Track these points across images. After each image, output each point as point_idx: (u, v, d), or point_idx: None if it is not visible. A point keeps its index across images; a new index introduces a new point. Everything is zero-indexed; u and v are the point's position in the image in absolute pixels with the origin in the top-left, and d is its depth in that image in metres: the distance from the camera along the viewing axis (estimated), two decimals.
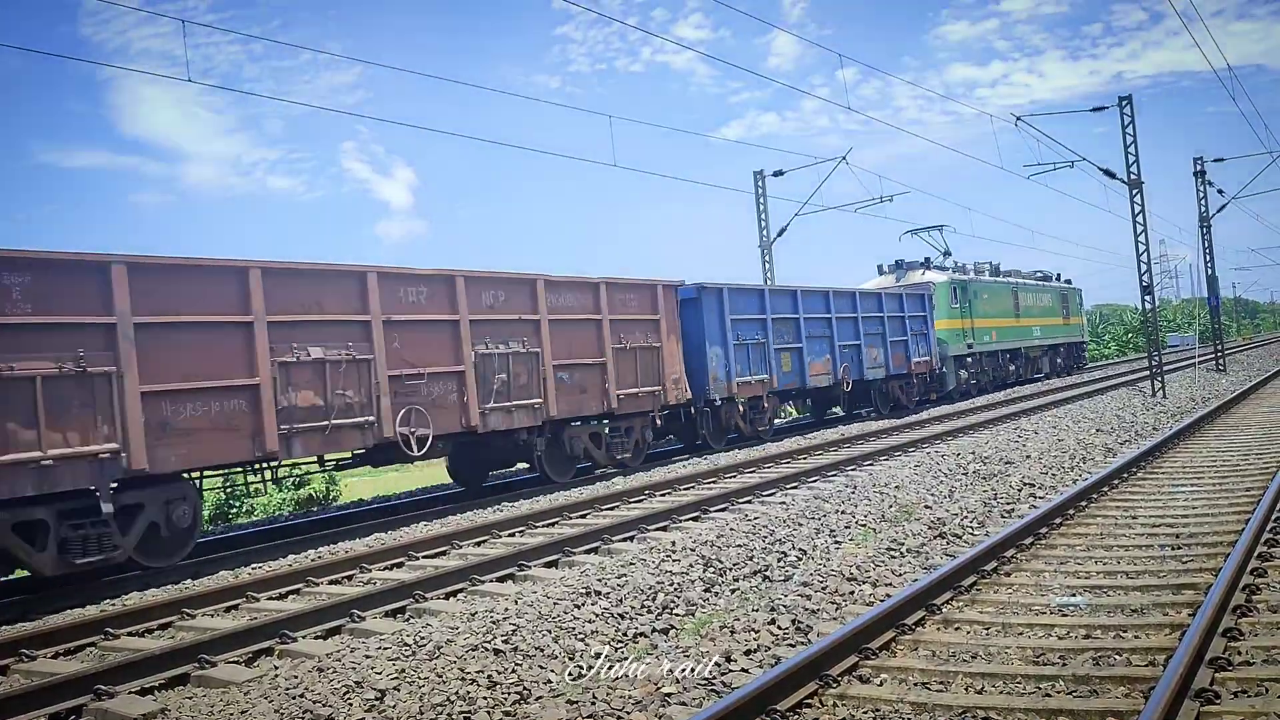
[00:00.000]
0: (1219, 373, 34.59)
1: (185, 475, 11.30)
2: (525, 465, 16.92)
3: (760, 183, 31.15)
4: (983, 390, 32.03)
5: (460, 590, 8.97)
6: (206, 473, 12.19)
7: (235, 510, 24.51)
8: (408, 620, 8.14)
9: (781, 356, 21.61)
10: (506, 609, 7.58)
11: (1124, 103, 26.58)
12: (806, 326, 22.49)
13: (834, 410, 27.00)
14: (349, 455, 14.17)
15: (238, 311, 11.56)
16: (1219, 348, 37.82)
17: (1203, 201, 36.81)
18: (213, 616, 8.80)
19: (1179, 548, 8.33)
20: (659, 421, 18.19)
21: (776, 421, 24.30)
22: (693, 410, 19.39)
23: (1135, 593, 7.07)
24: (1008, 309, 34.12)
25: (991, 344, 32.35)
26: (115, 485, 10.39)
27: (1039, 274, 39.09)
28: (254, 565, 11.20)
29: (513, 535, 11.74)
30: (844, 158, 28.83)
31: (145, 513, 10.77)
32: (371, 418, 12.79)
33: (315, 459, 13.29)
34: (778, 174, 30.92)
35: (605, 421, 17.06)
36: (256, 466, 12.43)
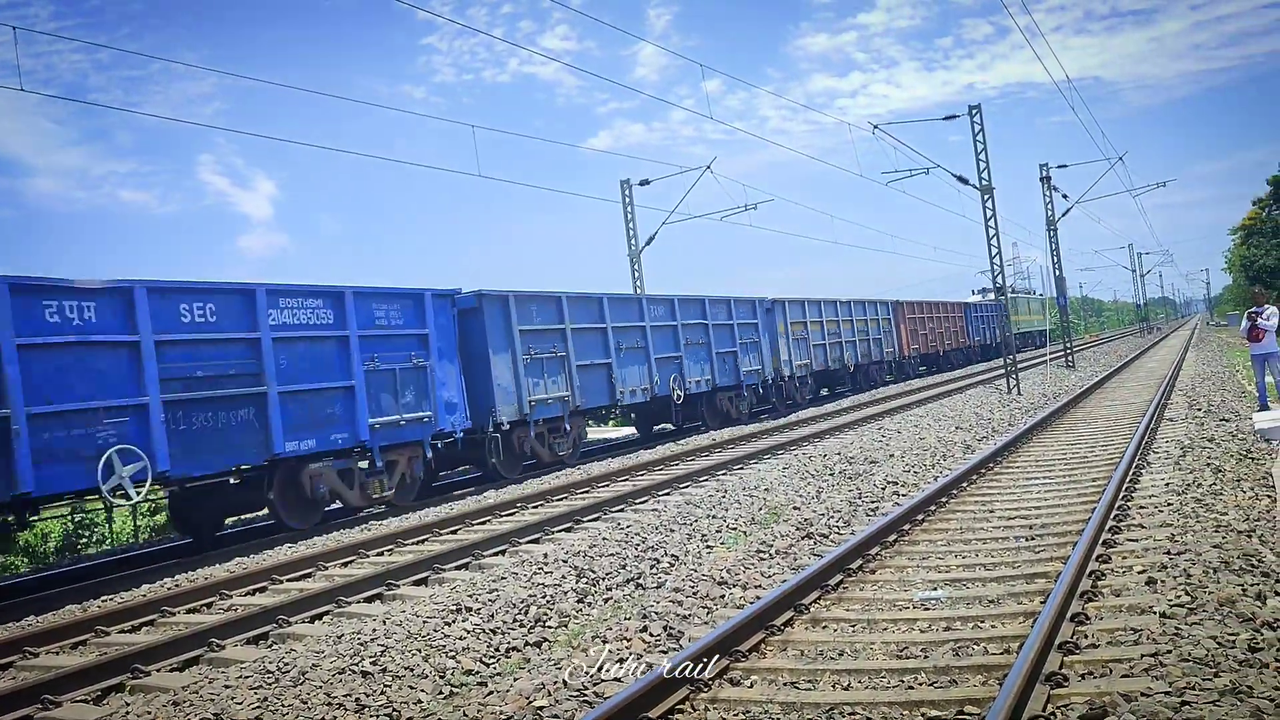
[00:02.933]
0: (1069, 369, 36.30)
1: None
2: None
3: (627, 192, 31.33)
4: (1020, 350, 53.72)
5: (326, 612, 8.76)
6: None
7: (84, 540, 23.37)
8: (270, 646, 7.89)
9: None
10: (374, 630, 7.42)
11: (974, 111, 27.70)
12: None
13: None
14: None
15: None
16: (1068, 345, 39.71)
17: (1049, 206, 38.61)
18: (57, 654, 8.36)
19: (1032, 538, 8.70)
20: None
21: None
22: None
23: (992, 584, 7.36)
24: (1025, 311, 63.84)
25: (1023, 329, 59.85)
26: None
27: (1033, 292, 75.10)
28: (104, 597, 10.70)
29: (381, 554, 11.51)
30: (708, 167, 29.24)
31: None
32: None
33: None
34: (644, 183, 31.14)
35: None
36: None
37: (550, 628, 7.46)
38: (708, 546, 9.77)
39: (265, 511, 15.24)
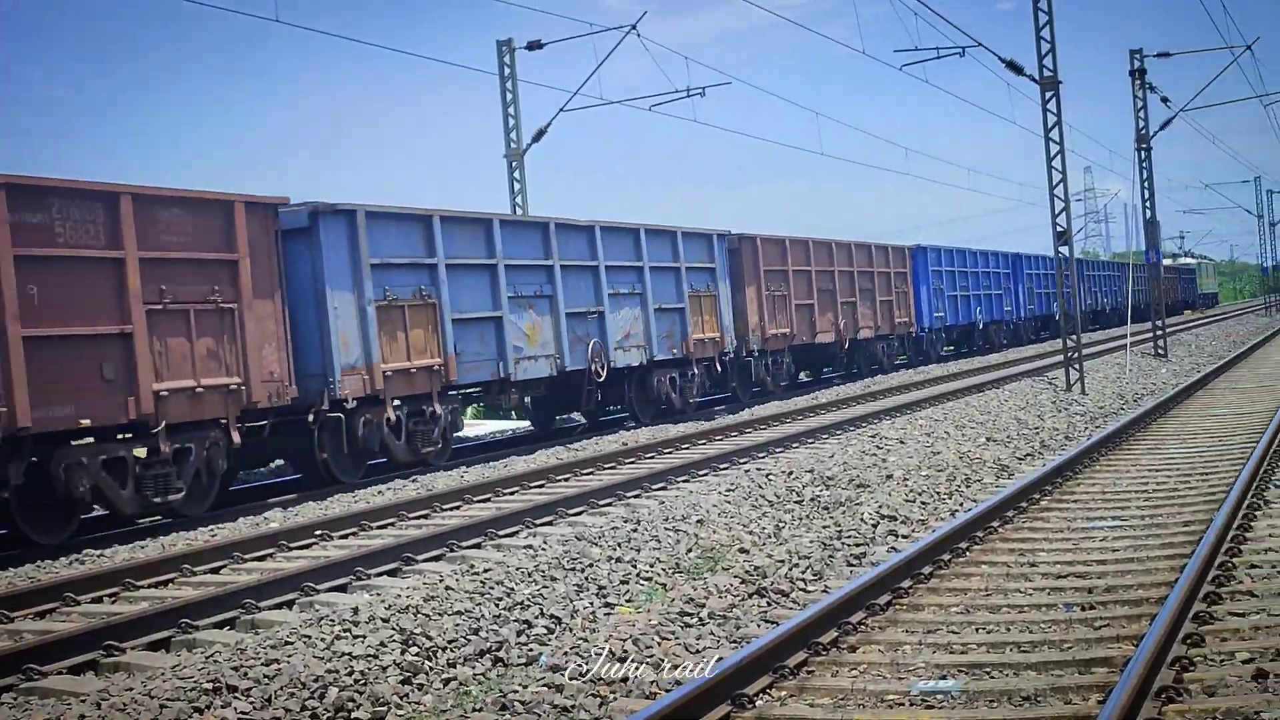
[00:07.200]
0: (1158, 358, 37.12)
1: None
2: None
3: (508, 59, 31.14)
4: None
5: (7, 689, 8.61)
6: None
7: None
8: None
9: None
10: (84, 717, 7.31)
11: None
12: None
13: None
14: None
15: None
16: (1159, 325, 40.32)
17: (1141, 114, 39.10)
18: None
19: (1091, 608, 8.88)
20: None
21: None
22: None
23: (1029, 672, 7.49)
24: (1205, 275, 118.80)
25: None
26: None
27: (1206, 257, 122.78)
28: None
29: (101, 600, 11.40)
30: (633, 27, 29.18)
31: None
32: None
33: None
34: (534, 47, 30.97)
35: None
36: None
37: None
38: (606, 604, 9.80)
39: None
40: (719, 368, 29.50)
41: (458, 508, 15.60)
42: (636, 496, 15.58)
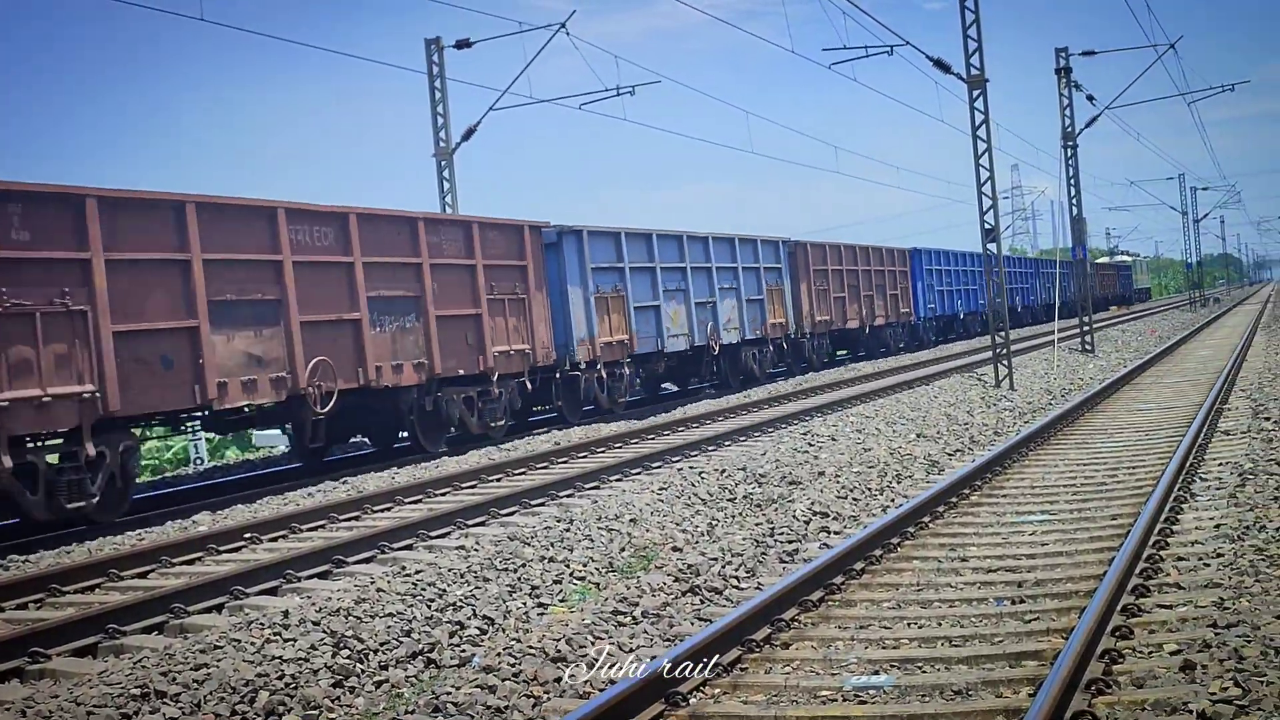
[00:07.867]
0: (1086, 354, 37.53)
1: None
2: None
3: (436, 57, 31.02)
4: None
5: None
6: None
7: None
8: None
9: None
10: None
11: None
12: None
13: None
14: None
15: None
16: (1086, 321, 40.79)
17: (1067, 112, 39.59)
18: None
19: (1021, 601, 8.97)
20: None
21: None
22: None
23: (960, 666, 7.56)
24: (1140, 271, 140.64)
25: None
26: None
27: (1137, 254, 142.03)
28: None
29: (26, 606, 11.29)
30: (563, 25, 29.15)
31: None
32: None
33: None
34: (463, 45, 30.89)
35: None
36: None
37: None
38: (540, 604, 9.79)
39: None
40: (784, 346, 37.84)
41: (389, 509, 15.52)
42: (569, 496, 15.59)
